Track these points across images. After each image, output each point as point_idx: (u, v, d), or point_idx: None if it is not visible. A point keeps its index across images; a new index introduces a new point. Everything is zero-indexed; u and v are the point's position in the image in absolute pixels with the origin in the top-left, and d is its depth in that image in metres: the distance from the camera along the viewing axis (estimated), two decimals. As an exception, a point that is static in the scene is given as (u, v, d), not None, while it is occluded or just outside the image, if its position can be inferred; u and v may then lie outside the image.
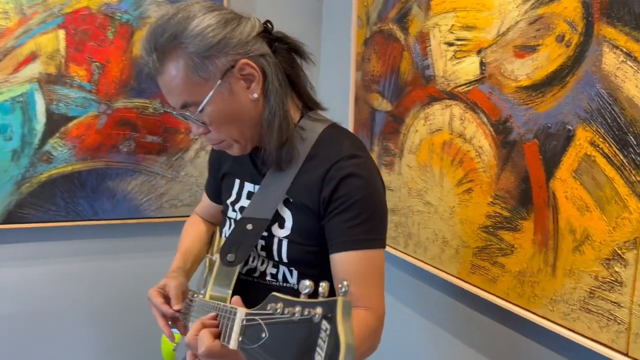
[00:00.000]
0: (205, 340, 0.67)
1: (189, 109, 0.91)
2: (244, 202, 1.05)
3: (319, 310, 0.47)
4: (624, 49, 1.00)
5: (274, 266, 0.97)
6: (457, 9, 1.43)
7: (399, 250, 1.71)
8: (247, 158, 1.05)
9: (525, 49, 1.22)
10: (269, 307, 0.54)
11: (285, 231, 0.95)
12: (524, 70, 1.22)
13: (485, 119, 1.35)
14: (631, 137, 0.99)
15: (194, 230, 1.25)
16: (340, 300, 0.45)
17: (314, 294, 0.52)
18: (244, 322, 0.61)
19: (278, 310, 0.53)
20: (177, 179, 2.20)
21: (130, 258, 2.21)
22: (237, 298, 0.75)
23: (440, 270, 1.53)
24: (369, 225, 0.91)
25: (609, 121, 1.03)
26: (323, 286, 0.49)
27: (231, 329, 0.62)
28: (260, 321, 0.55)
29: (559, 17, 1.13)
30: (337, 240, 0.91)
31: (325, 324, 0.45)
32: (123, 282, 2.20)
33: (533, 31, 1.20)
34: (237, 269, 0.95)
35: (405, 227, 1.68)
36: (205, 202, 1.28)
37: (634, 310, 0.99)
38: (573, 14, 1.10)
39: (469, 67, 1.39)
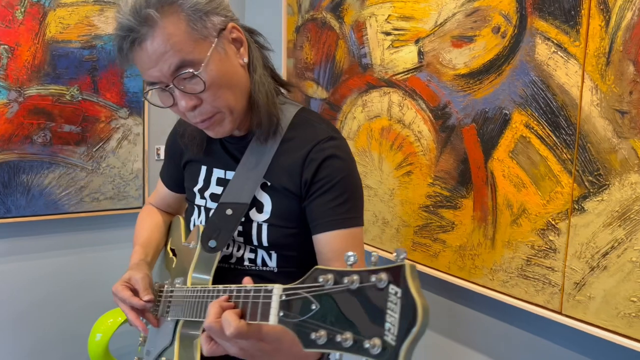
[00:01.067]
0: (232, 322, 0.66)
1: (186, 71, 0.84)
2: (215, 188, 1.03)
3: (383, 276, 0.50)
4: (555, 41, 1.11)
5: (251, 251, 0.97)
6: (394, 0, 1.50)
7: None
8: (217, 144, 1.04)
9: (463, 39, 1.31)
10: (320, 279, 0.55)
11: (264, 215, 0.96)
12: (461, 59, 1.32)
13: (424, 105, 1.43)
14: (562, 120, 1.11)
15: (150, 221, 1.21)
16: (408, 264, 0.48)
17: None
18: (283, 297, 0.62)
19: (329, 282, 0.55)
20: (98, 171, 2.08)
21: (49, 257, 2.06)
22: (248, 279, 0.76)
23: (381, 249, 1.60)
24: (350, 205, 0.94)
25: (543, 106, 1.15)
26: (375, 255, 0.52)
27: (264, 305, 0.63)
28: (306, 294, 0.56)
29: (495, 10, 1.23)
30: (321, 220, 0.93)
31: (393, 288, 0.48)
32: (43, 283, 2.05)
33: (470, 23, 1.29)
34: (218, 255, 0.94)
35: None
36: (162, 192, 1.24)
37: (567, 273, 1.12)
38: (508, 8, 1.20)
39: (407, 56, 1.47)
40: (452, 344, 1.48)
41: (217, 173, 1.03)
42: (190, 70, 0.85)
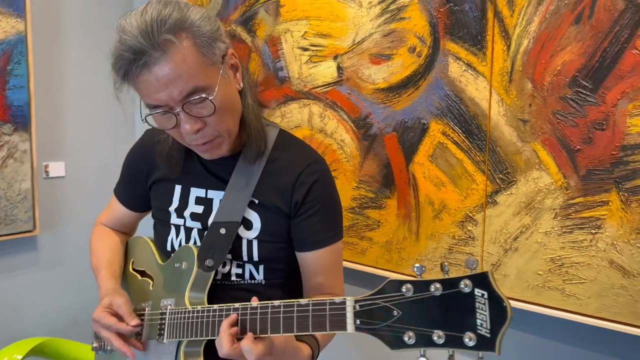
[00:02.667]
0: (253, 349, 0.75)
1: (198, 96, 0.85)
2: (195, 207, 1.03)
3: (467, 282, 0.60)
4: (465, 61, 1.31)
5: (238, 266, 1.00)
6: (310, 17, 1.61)
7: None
8: (196, 163, 1.04)
9: (381, 57, 1.46)
10: (403, 289, 0.64)
11: (254, 232, 0.99)
12: (380, 75, 1.47)
13: (345, 116, 1.56)
14: (474, 128, 1.32)
15: (108, 242, 1.15)
16: (490, 271, 0.59)
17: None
18: (356, 307, 0.69)
19: (410, 291, 0.63)
20: (-21, 193, 1.87)
21: None
22: (255, 298, 0.81)
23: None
24: (334, 222, 1.02)
25: (457, 116, 1.34)
26: (446, 265, 0.62)
27: (338, 316, 0.69)
28: (385, 303, 0.64)
29: (410, 32, 1.40)
30: (310, 239, 1.00)
31: (479, 291, 0.58)
32: None
33: (387, 42, 1.45)
34: (212, 273, 0.96)
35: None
36: (118, 211, 1.18)
37: (485, 257, 1.33)
38: (422, 31, 1.38)
39: (326, 71, 1.58)
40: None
41: (196, 192, 1.04)
42: (204, 96, 0.86)
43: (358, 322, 0.69)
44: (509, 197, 1.28)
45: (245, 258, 0.98)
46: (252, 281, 0.99)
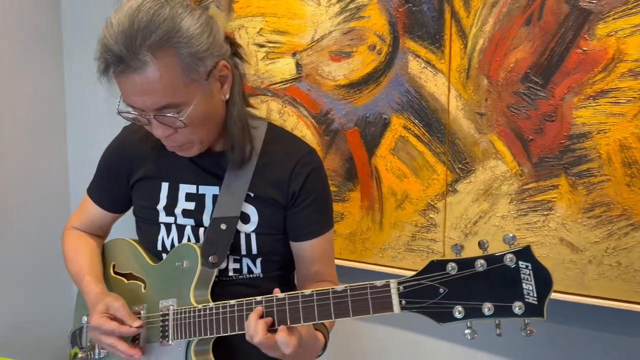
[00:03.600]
0: (290, 342, 0.78)
1: (169, 114, 0.86)
2: (186, 204, 1.01)
3: (511, 256, 0.66)
4: (425, 59, 1.39)
5: (235, 261, 0.99)
6: (266, 14, 1.62)
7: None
8: (184, 160, 1.01)
9: (341, 55, 1.51)
10: (448, 267, 0.68)
11: (252, 225, 0.99)
12: (341, 72, 1.52)
13: (306, 112, 1.59)
14: (434, 122, 1.40)
15: (86, 247, 1.09)
16: (530, 245, 0.65)
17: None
18: (400, 289, 0.73)
19: (454, 269, 0.68)
20: None
21: None
22: (277, 290, 0.82)
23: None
24: (328, 211, 1.05)
25: (417, 110, 1.42)
26: (486, 242, 0.70)
27: (384, 299, 0.74)
28: (431, 282, 0.68)
29: (370, 30, 1.46)
30: (306, 229, 1.02)
31: (524, 264, 0.64)
32: None
33: (347, 40, 1.49)
34: (216, 270, 0.95)
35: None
36: (93, 213, 1.12)
37: (446, 242, 1.42)
38: (382, 29, 1.44)
39: (285, 67, 1.60)
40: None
41: (186, 189, 1.02)
42: (175, 116, 0.86)
43: (403, 302, 0.73)
44: (468, 185, 1.38)
45: (243, 252, 0.98)
46: (250, 275, 1.00)
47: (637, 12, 1.15)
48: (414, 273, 0.75)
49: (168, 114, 0.86)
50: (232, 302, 0.88)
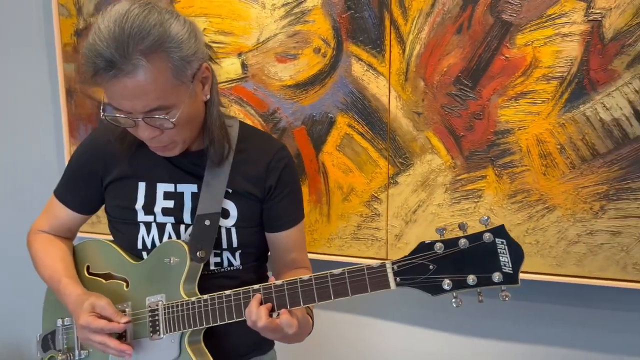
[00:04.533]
0: (293, 323, 0.86)
1: (159, 116, 0.89)
2: (164, 203, 1.03)
3: (488, 235, 0.77)
4: (367, 62, 1.51)
5: (216, 255, 1.03)
6: (210, 15, 1.65)
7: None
8: (161, 159, 1.04)
9: (287, 56, 1.59)
10: (435, 247, 0.78)
11: (231, 220, 1.04)
12: (287, 73, 1.59)
13: (253, 111, 1.65)
14: (377, 120, 1.52)
15: (58, 250, 1.07)
16: (503, 224, 0.76)
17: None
18: (394, 268, 0.83)
19: (441, 248, 0.78)
20: None
21: None
22: (272, 278, 0.88)
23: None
24: (300, 202, 1.13)
25: (361, 110, 1.53)
26: (465, 224, 0.80)
27: (380, 278, 0.83)
28: (422, 261, 0.78)
29: (315, 34, 1.55)
30: (283, 219, 1.09)
31: (499, 240, 0.76)
32: None
33: (293, 43, 1.57)
34: (202, 265, 0.99)
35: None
36: (62, 216, 1.10)
37: (389, 230, 1.56)
38: (326, 34, 1.54)
39: (230, 67, 1.65)
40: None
41: (163, 187, 1.05)
42: (165, 117, 0.89)
43: (398, 279, 0.83)
44: (407, 177, 1.52)
45: (224, 246, 1.04)
46: (230, 268, 1.06)
47: (549, 26, 1.35)
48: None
49: (157, 116, 0.89)
50: (228, 292, 0.94)
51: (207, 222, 1.01)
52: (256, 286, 0.92)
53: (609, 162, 1.36)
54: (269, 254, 1.16)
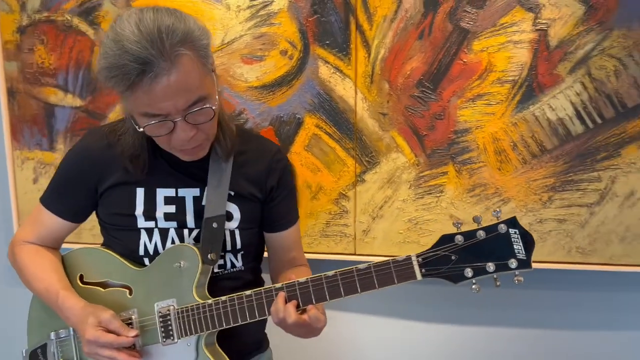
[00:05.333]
0: (321, 318, 0.90)
1: (205, 106, 0.90)
2: (165, 208, 1.02)
3: (502, 226, 0.83)
4: (334, 65, 1.56)
5: (219, 258, 1.03)
6: (171, 15, 1.62)
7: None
8: (162, 163, 1.02)
9: (253, 58, 1.60)
10: (456, 239, 0.83)
11: (235, 222, 1.05)
12: (253, 74, 1.61)
13: (217, 112, 1.64)
14: (344, 121, 1.58)
15: (49, 262, 1.03)
16: (515, 216, 0.83)
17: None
18: (419, 260, 0.87)
19: (461, 240, 0.83)
20: None
21: None
22: (293, 276, 0.91)
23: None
24: (297, 201, 1.15)
25: (328, 111, 1.58)
26: (480, 217, 0.86)
27: (407, 270, 0.89)
28: (444, 252, 0.83)
29: (281, 37, 1.58)
30: (284, 219, 1.12)
31: (512, 230, 0.82)
32: None
33: (259, 44, 1.59)
34: (212, 267, 0.98)
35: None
36: (51, 225, 1.05)
37: (357, 226, 1.62)
38: (293, 36, 1.57)
39: (193, 68, 1.63)
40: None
41: (164, 192, 1.03)
42: (207, 105, 0.89)
43: (423, 270, 0.89)
44: (374, 175, 1.60)
45: (228, 248, 1.05)
46: (233, 269, 1.07)
47: (502, 34, 1.47)
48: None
49: (199, 108, 0.89)
50: (248, 292, 0.95)
51: (215, 225, 1.02)
52: (278, 285, 0.95)
53: (555, 157, 1.51)
54: (265, 254, 1.18)
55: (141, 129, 0.91)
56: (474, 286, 0.90)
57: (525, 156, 1.52)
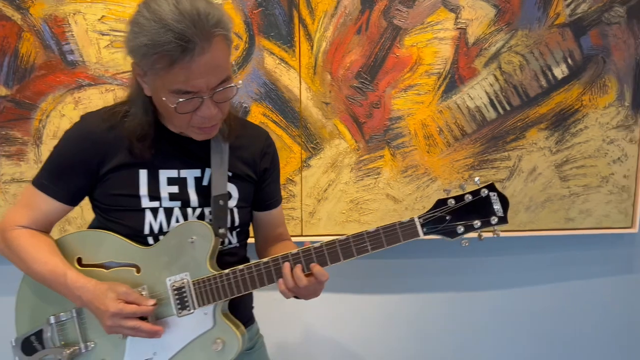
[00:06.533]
0: (324, 272, 1.00)
1: (226, 84, 0.96)
2: (169, 188, 1.06)
3: (484, 190, 0.96)
4: (279, 56, 1.64)
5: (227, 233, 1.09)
6: (108, 2, 1.58)
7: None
8: (163, 146, 1.05)
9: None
10: (448, 203, 0.95)
11: (233, 201, 1.11)
12: (198, 64, 1.63)
13: (161, 101, 1.64)
14: (289, 109, 1.67)
15: (48, 245, 1.04)
16: (493, 182, 0.97)
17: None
18: (421, 221, 0.97)
19: (453, 203, 0.95)
20: None
21: None
22: (307, 242, 1.00)
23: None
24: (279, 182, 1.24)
25: (274, 100, 1.66)
26: (478, 179, 0.99)
27: (411, 229, 1.00)
28: (440, 214, 0.94)
29: (226, 28, 1.62)
30: (274, 198, 1.20)
31: (492, 194, 0.95)
32: None
33: (204, 35, 1.61)
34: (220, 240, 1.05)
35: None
36: (46, 209, 1.06)
37: (303, 209, 1.72)
38: (238, 28, 1.62)
39: (135, 57, 1.61)
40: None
41: (166, 173, 1.07)
42: (233, 84, 0.96)
43: (425, 229, 1.00)
44: (319, 161, 1.71)
45: (228, 225, 1.10)
46: (230, 246, 1.13)
47: (429, 31, 1.66)
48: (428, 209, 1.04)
49: (225, 87, 0.95)
50: (265, 259, 1.02)
51: (222, 202, 1.07)
52: (294, 250, 1.02)
53: (473, 140, 1.74)
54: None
55: (173, 106, 0.94)
56: (463, 241, 1.05)
57: (449, 140, 1.73)
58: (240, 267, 1.04)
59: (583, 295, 1.91)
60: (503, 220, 1.00)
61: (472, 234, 1.04)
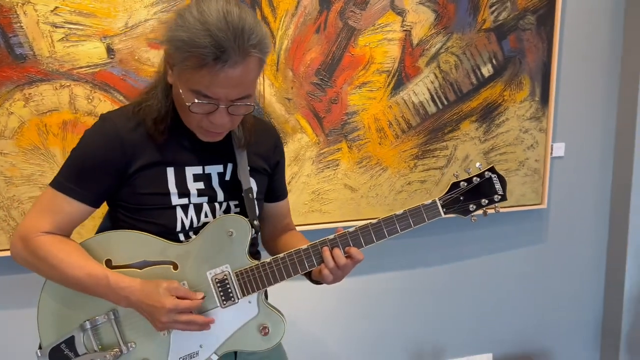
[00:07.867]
0: (359, 252, 1.06)
1: (245, 102, 0.95)
2: (196, 184, 1.06)
3: (487, 173, 1.08)
4: (243, 53, 1.67)
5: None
6: (63, -8, 1.49)
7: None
8: (186, 144, 1.04)
9: (161, 42, 1.59)
10: (461, 185, 1.05)
11: (254, 194, 1.12)
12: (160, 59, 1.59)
13: (122, 97, 1.58)
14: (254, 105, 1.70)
15: (78, 250, 1.01)
16: (493, 165, 1.09)
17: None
18: (441, 202, 1.06)
19: (465, 185, 1.06)
20: None
21: None
22: (340, 228, 1.06)
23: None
24: None
25: (239, 96, 1.69)
26: (480, 164, 1.09)
27: (433, 210, 1.11)
28: (456, 195, 1.04)
29: (190, 24, 1.60)
30: (283, 190, 1.25)
31: (493, 175, 1.08)
32: None
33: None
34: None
35: (8, 221, 1.54)
36: (72, 212, 1.01)
37: (268, 202, 1.77)
38: (202, 24, 1.61)
39: (93, 51, 1.54)
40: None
41: (192, 170, 1.07)
42: (250, 104, 0.99)
43: (445, 210, 1.11)
44: (282, 154, 1.77)
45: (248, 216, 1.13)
46: (253, 236, 1.15)
47: (380, 32, 1.80)
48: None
49: (243, 104, 0.96)
50: (304, 246, 1.06)
51: (251, 196, 1.10)
52: (331, 236, 1.08)
53: (417, 132, 1.92)
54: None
55: (188, 104, 0.95)
56: (473, 219, 1.19)
57: (398, 132, 1.90)
58: (281, 255, 1.08)
59: (504, 263, 2.20)
60: (503, 197, 1.17)
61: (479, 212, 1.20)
